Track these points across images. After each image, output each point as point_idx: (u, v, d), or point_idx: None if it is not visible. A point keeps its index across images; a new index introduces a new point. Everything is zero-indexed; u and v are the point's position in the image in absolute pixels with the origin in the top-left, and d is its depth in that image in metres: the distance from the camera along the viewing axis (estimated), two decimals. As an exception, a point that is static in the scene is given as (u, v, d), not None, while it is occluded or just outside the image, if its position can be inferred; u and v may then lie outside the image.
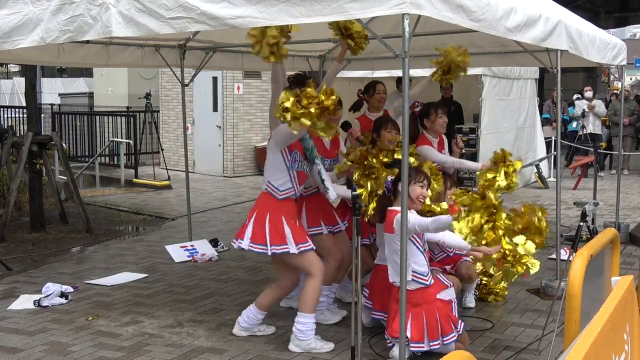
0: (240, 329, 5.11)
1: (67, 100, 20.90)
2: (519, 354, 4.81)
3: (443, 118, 5.75)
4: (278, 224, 4.71)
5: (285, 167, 4.78)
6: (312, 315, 4.82)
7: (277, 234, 4.70)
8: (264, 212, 4.77)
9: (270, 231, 4.70)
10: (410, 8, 3.49)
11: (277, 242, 4.69)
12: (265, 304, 5.02)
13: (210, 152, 14.58)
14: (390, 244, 4.61)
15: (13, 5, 4.64)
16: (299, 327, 4.80)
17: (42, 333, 5.22)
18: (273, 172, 4.82)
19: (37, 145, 8.86)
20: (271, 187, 4.81)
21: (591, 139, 15.12)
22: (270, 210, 4.76)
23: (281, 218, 4.73)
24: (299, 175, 4.85)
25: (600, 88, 24.66)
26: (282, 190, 4.80)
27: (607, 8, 23.85)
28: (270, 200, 4.80)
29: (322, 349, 4.80)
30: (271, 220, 4.72)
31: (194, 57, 8.04)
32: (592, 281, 3.42)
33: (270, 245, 4.69)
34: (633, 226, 8.80)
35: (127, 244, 8.41)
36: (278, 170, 4.79)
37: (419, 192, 4.57)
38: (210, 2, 3.89)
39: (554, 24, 5.24)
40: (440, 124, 5.75)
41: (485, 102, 11.45)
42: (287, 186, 4.81)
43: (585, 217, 5.46)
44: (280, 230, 4.70)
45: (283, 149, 4.77)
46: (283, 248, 4.69)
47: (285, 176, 4.79)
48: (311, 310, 4.80)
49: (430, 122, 5.77)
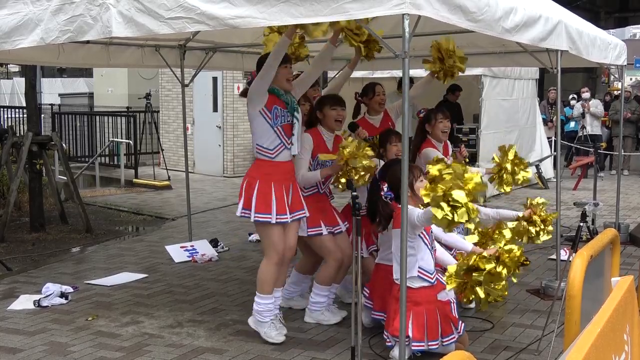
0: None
1: (67, 100, 20.89)
2: (519, 354, 4.81)
3: (444, 122, 5.74)
4: (267, 192, 4.82)
5: (269, 125, 4.87)
6: (265, 295, 4.91)
7: (264, 202, 4.80)
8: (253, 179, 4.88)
9: (257, 198, 4.81)
10: (410, 8, 3.49)
11: (261, 209, 4.80)
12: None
13: (210, 152, 14.58)
14: (398, 240, 4.60)
15: (13, 5, 4.64)
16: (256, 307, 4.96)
17: (42, 333, 5.22)
18: (259, 135, 4.91)
19: (37, 146, 8.86)
20: (261, 149, 4.91)
21: (591, 140, 15.13)
22: (260, 177, 4.87)
23: (270, 185, 4.84)
24: (284, 129, 4.92)
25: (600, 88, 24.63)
26: (272, 148, 4.89)
27: (607, 8, 23.82)
28: (263, 164, 4.91)
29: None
30: (260, 187, 4.83)
31: (194, 57, 8.04)
32: (592, 282, 3.42)
33: (255, 212, 4.81)
34: (633, 226, 8.80)
35: (127, 244, 8.41)
36: (263, 131, 4.88)
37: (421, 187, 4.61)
38: (210, 2, 3.89)
39: (554, 24, 5.24)
40: (441, 128, 5.74)
41: (485, 102, 11.45)
42: (276, 143, 4.88)
43: (585, 217, 5.46)
44: (268, 200, 4.81)
45: (261, 109, 4.85)
46: (265, 217, 4.80)
47: (272, 134, 4.88)
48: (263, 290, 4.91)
49: (432, 127, 5.77)
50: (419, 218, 4.36)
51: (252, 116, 4.92)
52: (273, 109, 4.86)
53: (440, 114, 5.77)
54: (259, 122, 4.88)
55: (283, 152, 4.91)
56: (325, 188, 5.38)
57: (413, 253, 4.47)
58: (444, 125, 5.73)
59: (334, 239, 5.29)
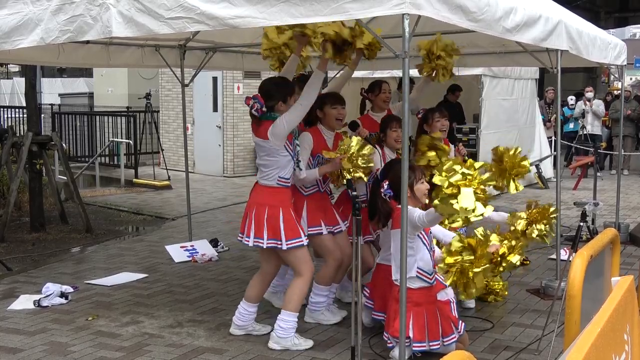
0: (235, 328, 5.15)
1: (67, 100, 20.88)
2: (519, 354, 4.81)
3: (441, 121, 5.75)
4: (290, 218, 4.81)
5: (291, 157, 4.87)
6: (295, 314, 4.86)
7: (291, 229, 4.78)
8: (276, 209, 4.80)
9: (285, 226, 4.76)
10: (410, 8, 3.49)
11: (290, 236, 4.77)
12: (252, 295, 5.08)
13: (210, 152, 14.58)
14: (397, 241, 4.61)
15: (13, 5, 4.64)
16: (282, 325, 4.84)
17: (42, 333, 5.22)
18: (283, 167, 4.84)
19: (37, 146, 8.86)
20: (283, 180, 4.86)
21: (591, 140, 15.13)
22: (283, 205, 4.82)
23: (290, 211, 4.84)
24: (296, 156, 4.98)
25: (601, 88, 24.63)
26: (287, 178, 4.89)
27: (607, 8, 23.82)
28: (281, 192, 4.85)
29: (301, 345, 4.85)
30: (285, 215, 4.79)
31: (194, 57, 8.04)
32: (592, 281, 3.42)
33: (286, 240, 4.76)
34: (633, 226, 8.80)
35: (127, 244, 8.41)
36: (286, 162, 4.85)
37: (423, 189, 4.62)
38: (210, 2, 3.89)
39: (554, 24, 5.24)
40: (439, 127, 5.74)
41: (485, 102, 11.46)
42: (290, 173, 4.91)
43: (585, 217, 5.46)
44: (293, 224, 4.79)
45: (285, 143, 4.81)
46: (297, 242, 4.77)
47: (292, 165, 4.89)
48: (295, 309, 4.84)
49: (429, 127, 5.77)
50: (421, 219, 4.35)
51: (275, 150, 4.79)
52: (292, 141, 4.87)
53: (437, 113, 5.77)
54: (284, 155, 4.82)
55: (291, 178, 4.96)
56: (326, 187, 5.38)
57: (412, 253, 4.47)
58: (441, 124, 5.73)
59: (333, 239, 5.29)
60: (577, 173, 13.46)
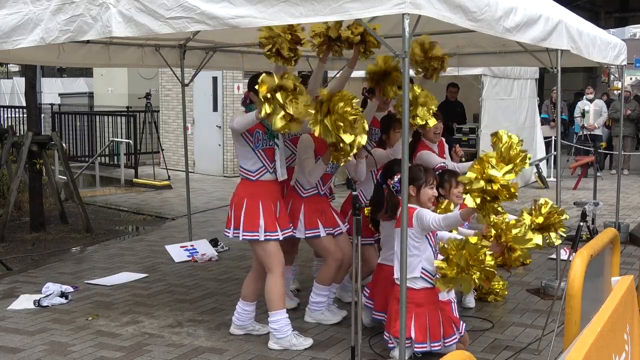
0: (235, 327, 5.16)
1: (67, 100, 20.87)
2: (519, 354, 4.81)
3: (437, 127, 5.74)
4: (254, 210, 4.82)
5: (250, 148, 4.89)
6: (281, 310, 4.87)
7: (250, 221, 4.81)
8: (241, 199, 4.89)
9: (245, 217, 4.82)
10: (410, 8, 3.49)
11: (249, 228, 4.81)
12: (247, 293, 5.10)
13: (210, 152, 14.58)
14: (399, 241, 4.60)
15: (13, 5, 4.64)
16: (274, 326, 4.85)
17: (42, 333, 5.22)
18: (242, 156, 4.94)
19: (37, 145, 8.87)
20: (244, 170, 4.94)
21: (591, 139, 15.12)
22: (247, 195, 4.87)
23: (258, 203, 4.84)
24: (266, 153, 4.92)
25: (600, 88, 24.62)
26: (254, 171, 4.90)
27: (607, 8, 23.81)
28: (246, 184, 4.92)
29: (301, 345, 4.85)
30: (247, 206, 4.84)
31: (194, 57, 8.04)
32: (592, 281, 3.42)
33: (243, 230, 4.82)
34: (633, 226, 8.80)
35: (127, 244, 8.41)
36: (245, 152, 4.90)
37: (430, 194, 4.60)
38: (210, 2, 3.89)
39: (554, 24, 5.24)
40: (432, 129, 5.73)
41: (485, 102, 11.46)
42: (257, 166, 4.90)
43: (585, 217, 5.45)
44: (255, 218, 4.81)
45: (243, 133, 4.85)
46: (253, 235, 4.80)
47: (253, 156, 4.89)
48: (278, 306, 4.85)
49: (423, 129, 5.76)
50: (436, 222, 4.34)
51: (235, 136, 4.94)
52: (254, 132, 4.87)
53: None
54: (242, 145, 4.90)
55: (265, 174, 4.92)
56: (326, 189, 5.37)
57: (418, 253, 4.46)
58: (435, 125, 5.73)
59: (333, 240, 5.28)
60: (577, 173, 13.46)
